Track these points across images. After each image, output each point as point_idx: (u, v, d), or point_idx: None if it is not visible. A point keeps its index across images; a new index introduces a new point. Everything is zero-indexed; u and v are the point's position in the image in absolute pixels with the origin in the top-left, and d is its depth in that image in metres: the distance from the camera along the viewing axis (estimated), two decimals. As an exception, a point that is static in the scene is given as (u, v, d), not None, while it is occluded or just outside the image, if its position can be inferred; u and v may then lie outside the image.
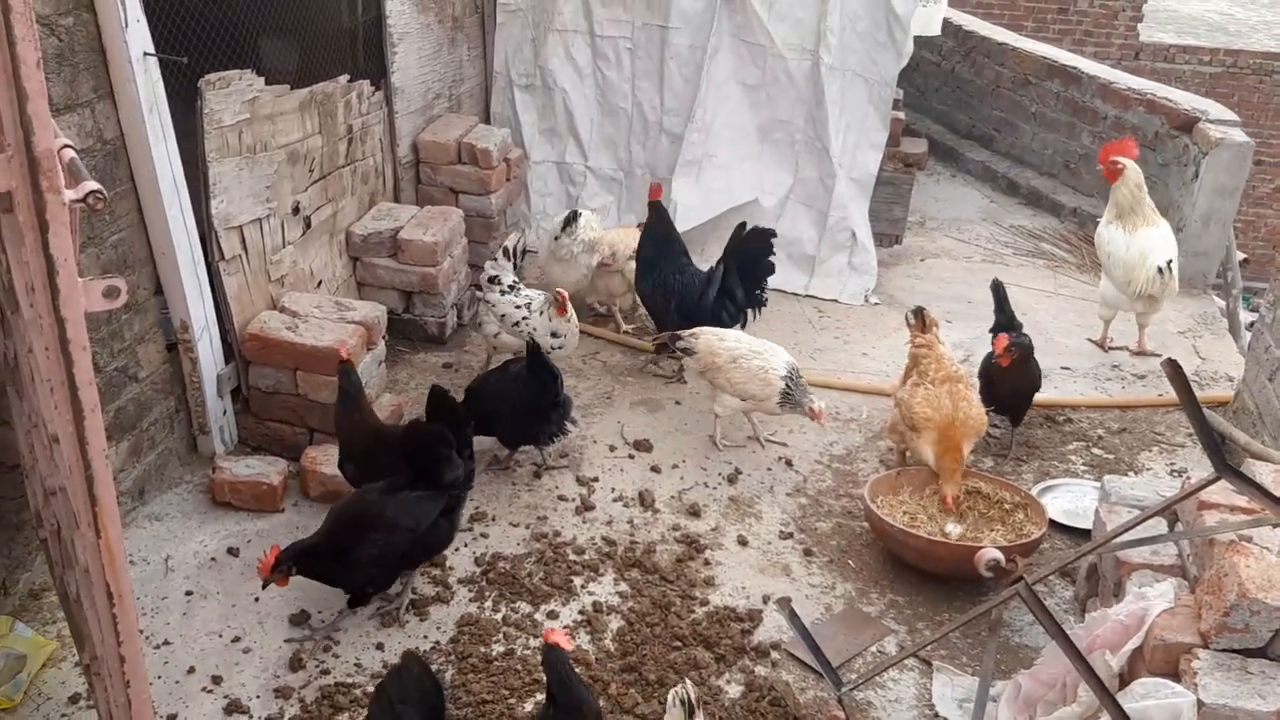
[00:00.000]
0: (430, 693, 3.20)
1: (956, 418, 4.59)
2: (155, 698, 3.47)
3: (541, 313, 5.43)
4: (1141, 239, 6.07)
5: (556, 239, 6.20)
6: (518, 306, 5.48)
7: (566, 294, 5.41)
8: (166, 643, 3.82)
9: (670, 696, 2.91)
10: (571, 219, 6.17)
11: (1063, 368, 6.14)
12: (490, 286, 5.56)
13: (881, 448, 5.33)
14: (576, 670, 3.66)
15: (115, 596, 2.74)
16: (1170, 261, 5.95)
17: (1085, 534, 4.47)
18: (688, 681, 2.93)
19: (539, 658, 3.82)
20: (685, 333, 5.27)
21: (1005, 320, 5.46)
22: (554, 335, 5.38)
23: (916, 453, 4.71)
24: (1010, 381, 5.14)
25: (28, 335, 2.65)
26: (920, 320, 4.97)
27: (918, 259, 7.69)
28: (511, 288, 5.55)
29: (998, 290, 5.53)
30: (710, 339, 5.20)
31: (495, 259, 5.67)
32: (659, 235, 5.92)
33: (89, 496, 2.66)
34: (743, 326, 5.65)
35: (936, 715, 3.70)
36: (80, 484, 2.67)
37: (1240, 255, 8.15)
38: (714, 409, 5.21)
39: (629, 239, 6.16)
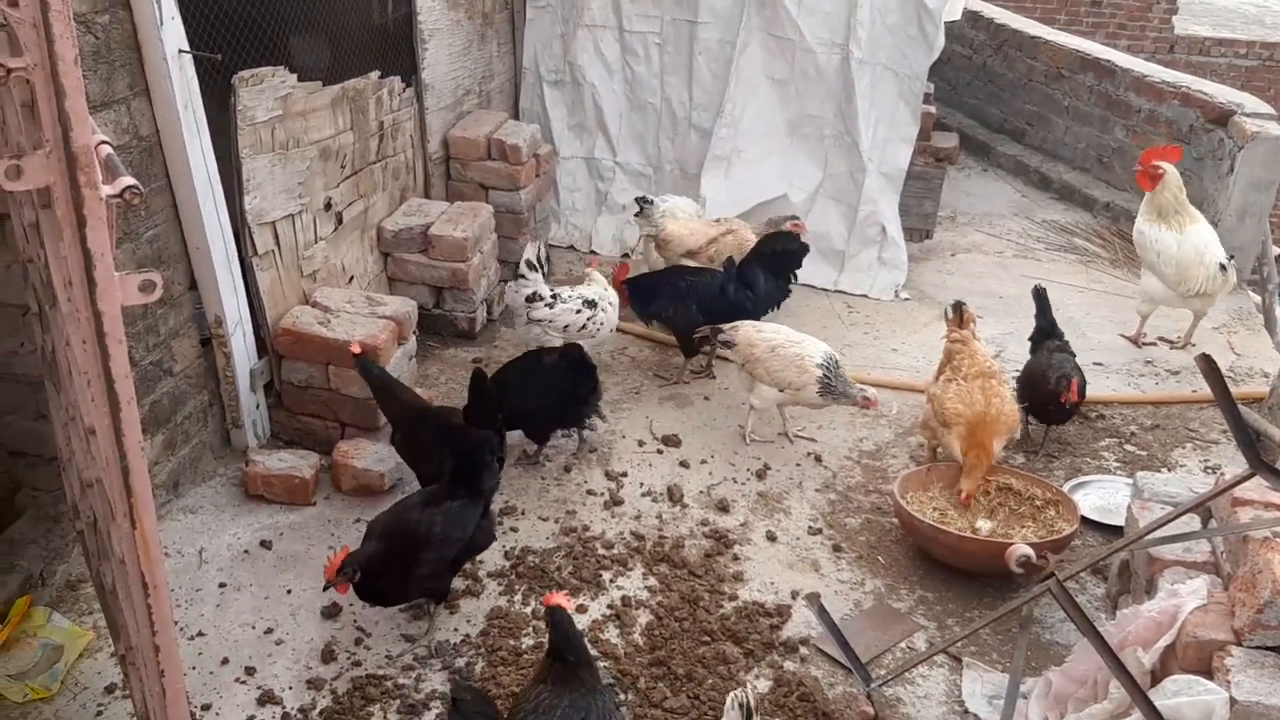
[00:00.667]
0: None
1: (988, 413, 4.56)
2: (190, 688, 3.52)
3: (606, 305, 5.58)
4: (1193, 237, 6.07)
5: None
6: (578, 311, 5.43)
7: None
8: (201, 634, 3.87)
9: (729, 700, 2.88)
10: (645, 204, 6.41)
11: (1095, 364, 6.08)
12: (534, 305, 5.40)
13: (911, 443, 5.30)
14: (603, 664, 3.69)
15: (150, 587, 2.78)
16: (1232, 258, 6.01)
17: (1117, 531, 4.44)
18: (748, 686, 2.90)
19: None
20: (726, 326, 5.27)
21: (1046, 325, 5.41)
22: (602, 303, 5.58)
23: (947, 448, 4.69)
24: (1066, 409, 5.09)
25: (65, 329, 2.69)
26: (958, 315, 4.94)
27: (948, 254, 7.65)
28: (555, 297, 5.46)
29: (1040, 296, 5.48)
30: (749, 330, 5.21)
31: (522, 276, 5.47)
32: (647, 281, 5.98)
33: (125, 488, 2.70)
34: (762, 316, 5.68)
35: (966, 712, 3.69)
36: (116, 476, 2.71)
37: (1277, 250, 8.06)
38: (751, 400, 5.20)
39: (693, 230, 6.30)
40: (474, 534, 3.93)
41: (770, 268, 5.85)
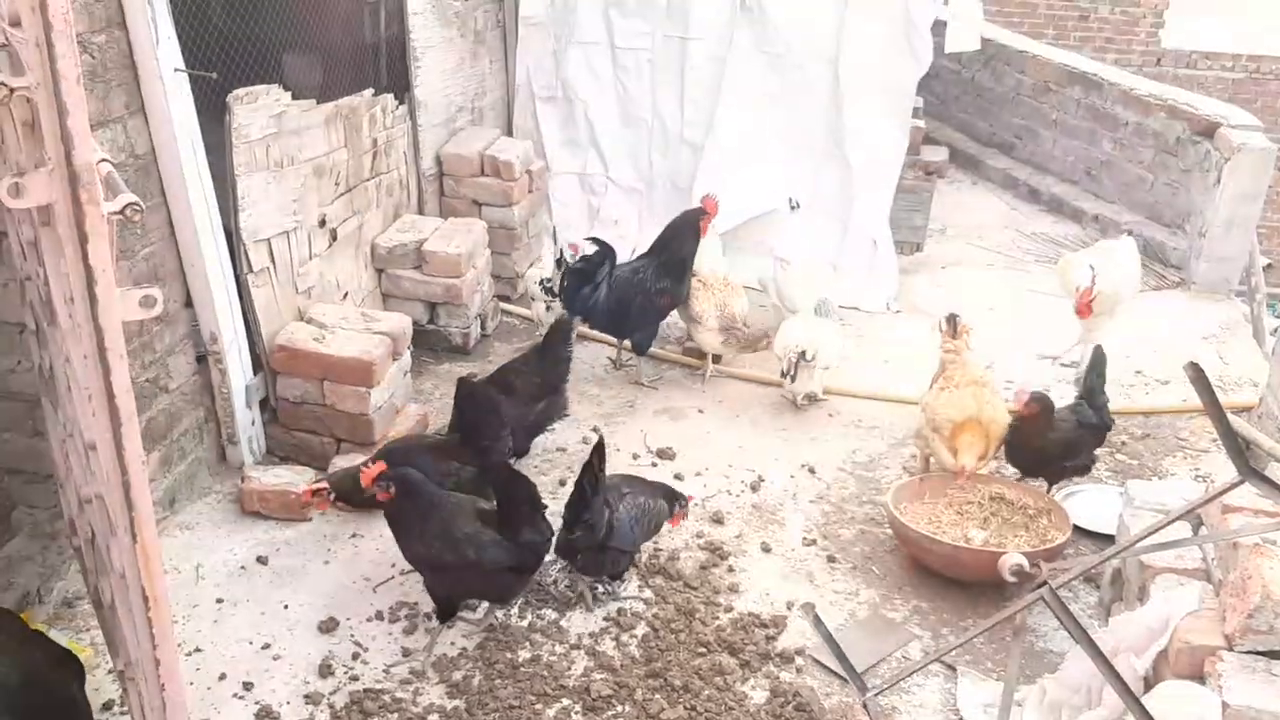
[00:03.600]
0: None
1: (981, 416, 4.60)
2: (187, 705, 3.52)
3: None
4: None
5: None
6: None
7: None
8: (198, 650, 3.87)
9: None
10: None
11: (1085, 374, 6.12)
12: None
13: (904, 454, 5.33)
14: (600, 676, 3.70)
15: (151, 600, 2.79)
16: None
17: (1109, 539, 4.47)
18: None
19: (564, 664, 3.87)
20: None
21: (1097, 385, 4.95)
22: None
23: (938, 456, 4.72)
24: (1031, 441, 4.74)
25: (66, 345, 2.72)
26: (952, 327, 4.97)
27: (939, 266, 7.70)
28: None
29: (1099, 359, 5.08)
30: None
31: (534, 297, 6.06)
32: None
33: (126, 502, 2.71)
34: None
35: (961, 720, 3.71)
36: (117, 490, 2.73)
37: (1264, 260, 8.13)
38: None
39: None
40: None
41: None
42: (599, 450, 4.00)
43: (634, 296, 5.77)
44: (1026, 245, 8.10)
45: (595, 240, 5.88)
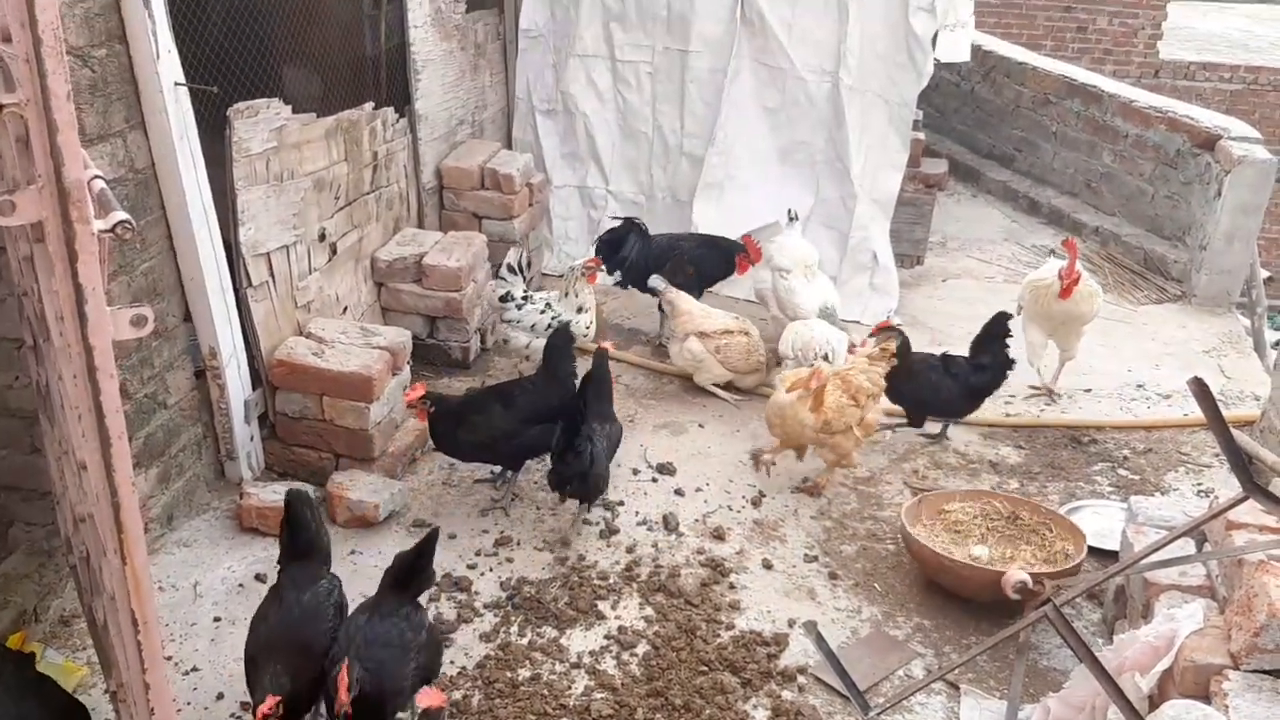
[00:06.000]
0: None
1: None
2: (183, 723, 3.50)
3: (566, 294, 5.83)
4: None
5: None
6: (541, 312, 5.81)
7: (599, 259, 6.04)
8: (195, 669, 3.84)
9: None
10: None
11: (1085, 389, 6.10)
12: (506, 305, 5.87)
13: (906, 469, 5.31)
14: (600, 695, 3.67)
15: (140, 623, 2.76)
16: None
17: (1112, 555, 4.44)
18: None
19: (565, 683, 3.84)
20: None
21: (984, 343, 5.50)
22: (579, 311, 5.78)
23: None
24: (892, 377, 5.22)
25: (57, 363, 2.69)
26: (882, 341, 5.26)
27: (939, 279, 7.68)
28: (525, 298, 5.89)
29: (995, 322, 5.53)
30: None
31: (500, 277, 5.98)
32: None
33: (115, 523, 2.69)
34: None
35: (965, 739, 3.67)
36: (107, 511, 2.70)
37: (1265, 273, 8.11)
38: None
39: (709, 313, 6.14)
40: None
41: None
42: (584, 385, 4.76)
43: (667, 257, 6.43)
44: (1027, 258, 8.08)
45: (623, 218, 6.65)
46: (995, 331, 5.47)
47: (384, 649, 3.32)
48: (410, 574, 3.57)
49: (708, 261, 6.50)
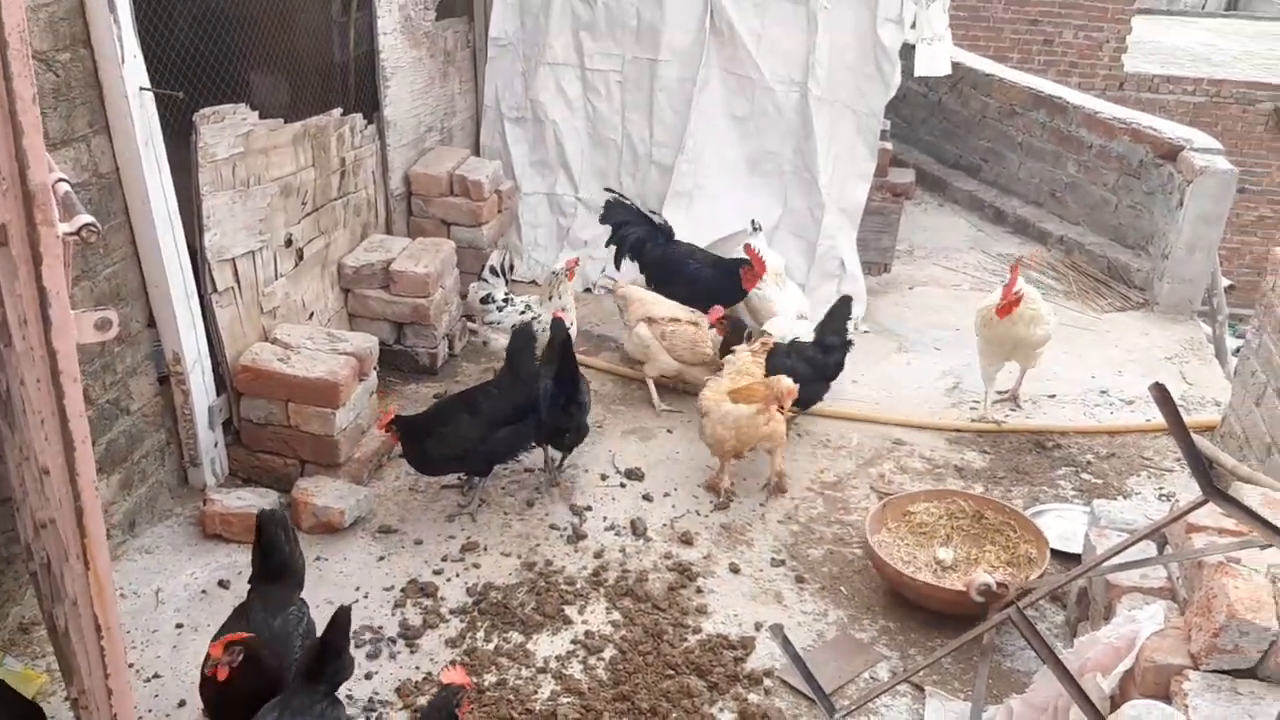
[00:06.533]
0: None
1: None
2: (145, 731, 3.47)
3: (551, 298, 5.88)
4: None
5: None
6: (522, 313, 5.83)
7: (578, 259, 6.10)
8: (157, 675, 3.81)
9: None
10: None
11: (1049, 395, 6.17)
12: (487, 307, 5.90)
13: (872, 474, 5.34)
14: (567, 699, 3.67)
15: (103, 629, 2.74)
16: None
17: (1075, 558, 4.49)
18: None
19: (531, 688, 3.83)
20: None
21: (827, 329, 5.72)
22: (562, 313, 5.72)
23: (704, 438, 5.05)
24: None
25: (20, 368, 2.67)
26: (755, 339, 5.38)
27: (906, 287, 7.74)
28: (506, 300, 5.92)
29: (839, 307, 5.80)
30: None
31: (483, 279, 5.99)
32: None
33: (78, 528, 2.67)
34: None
35: (929, 741, 3.70)
36: (70, 516, 2.68)
37: (1226, 281, 8.22)
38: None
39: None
40: None
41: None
42: (567, 344, 5.02)
43: (682, 264, 6.42)
44: (993, 266, 8.15)
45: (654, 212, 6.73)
46: (839, 313, 5.74)
47: None
48: (320, 661, 3.20)
49: (721, 280, 6.25)
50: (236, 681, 3.15)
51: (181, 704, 3.69)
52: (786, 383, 4.92)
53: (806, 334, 5.82)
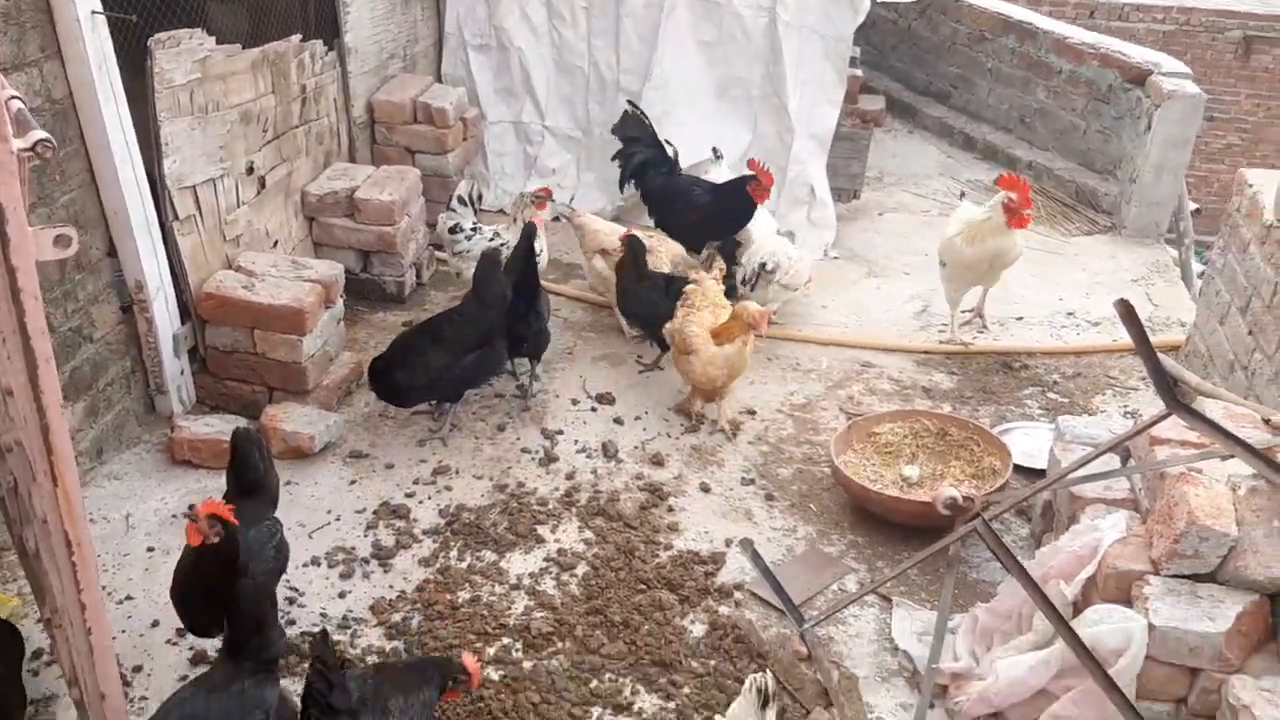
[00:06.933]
0: None
1: (718, 323, 4.91)
2: (120, 651, 3.47)
3: (516, 220, 5.83)
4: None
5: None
6: (490, 240, 5.78)
7: (550, 189, 6.01)
8: (129, 598, 3.81)
9: (747, 683, 2.83)
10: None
11: (1017, 317, 6.21)
12: (456, 236, 5.84)
13: (841, 396, 5.38)
14: (540, 614, 3.71)
15: (74, 545, 2.74)
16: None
17: (1041, 474, 4.54)
18: (769, 673, 2.84)
19: (505, 604, 3.87)
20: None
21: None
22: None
23: (689, 376, 4.93)
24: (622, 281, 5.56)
25: (-23, 288, 2.63)
26: (709, 262, 5.28)
27: (875, 213, 7.74)
28: (475, 229, 5.87)
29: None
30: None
31: (451, 208, 5.91)
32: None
33: (44, 446, 2.65)
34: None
35: (896, 648, 3.77)
36: (36, 435, 2.66)
37: (1193, 205, 8.26)
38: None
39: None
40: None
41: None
42: (530, 251, 5.09)
43: (686, 192, 6.24)
44: (961, 191, 8.16)
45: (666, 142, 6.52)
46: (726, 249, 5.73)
47: None
48: (238, 632, 2.97)
49: (725, 210, 6.04)
50: (206, 562, 3.16)
51: (155, 624, 3.69)
52: (754, 308, 4.89)
53: (792, 252, 5.84)
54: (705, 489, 4.61)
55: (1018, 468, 4.60)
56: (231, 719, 2.86)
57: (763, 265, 5.72)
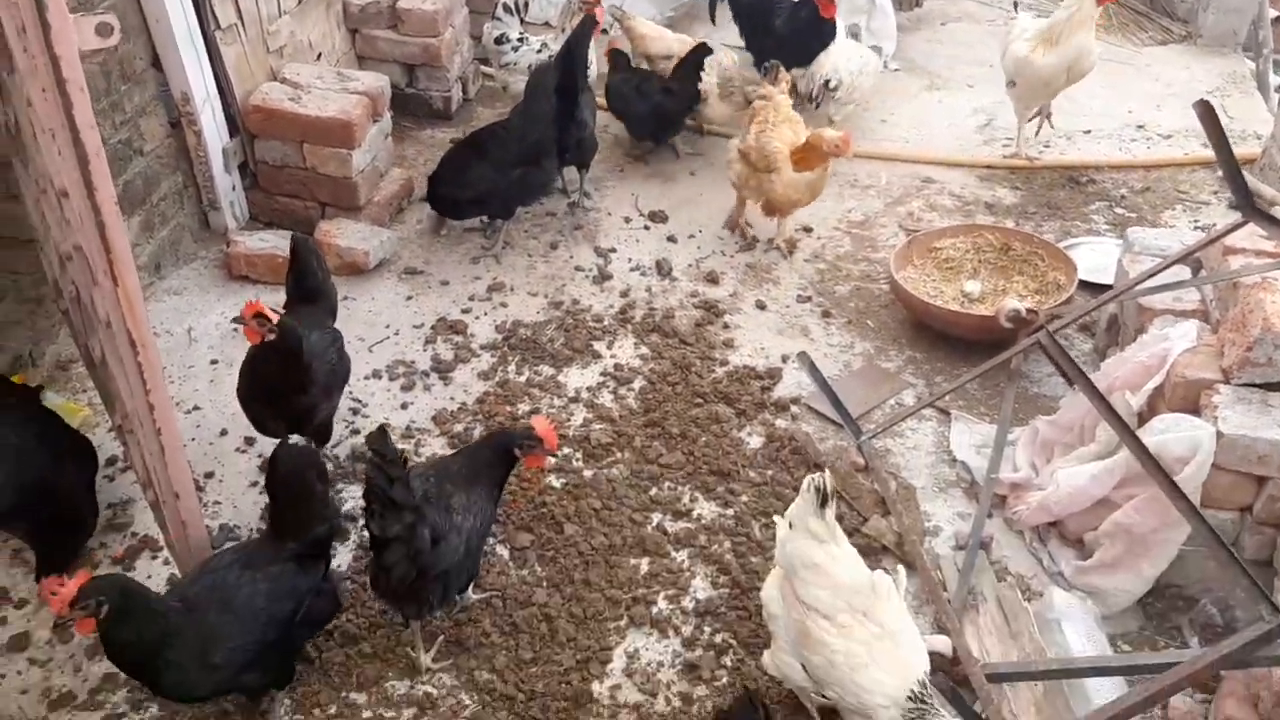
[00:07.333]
0: None
1: (799, 142, 4.66)
2: (191, 458, 3.54)
3: (564, 30, 5.69)
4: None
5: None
6: (538, 52, 5.59)
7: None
8: (197, 408, 3.88)
9: (805, 483, 2.76)
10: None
11: (1085, 131, 5.97)
12: (502, 47, 5.66)
13: (901, 213, 5.24)
14: (599, 426, 3.73)
15: (139, 346, 2.75)
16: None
17: (1106, 289, 4.43)
18: (827, 473, 2.78)
19: (564, 415, 3.89)
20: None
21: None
22: None
23: (768, 193, 4.73)
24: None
25: (25, 86, 2.57)
26: (773, 74, 4.93)
27: (939, 23, 7.39)
28: (521, 39, 5.68)
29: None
30: None
31: (497, 17, 5.73)
32: None
33: (103, 244, 2.64)
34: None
35: (954, 460, 3.76)
36: (93, 233, 2.64)
37: (1273, 13, 7.80)
38: None
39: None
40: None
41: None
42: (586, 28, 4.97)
43: (769, 14, 5.90)
44: (1029, 0, 7.75)
45: None
46: (691, 60, 5.49)
47: (222, 611, 2.67)
48: (279, 510, 2.87)
49: (796, 31, 5.75)
50: (269, 363, 3.24)
51: (223, 433, 3.77)
52: (831, 135, 4.66)
53: (854, 66, 5.60)
54: (761, 306, 4.56)
55: (1083, 283, 4.49)
56: (257, 602, 2.70)
57: (826, 82, 5.48)
